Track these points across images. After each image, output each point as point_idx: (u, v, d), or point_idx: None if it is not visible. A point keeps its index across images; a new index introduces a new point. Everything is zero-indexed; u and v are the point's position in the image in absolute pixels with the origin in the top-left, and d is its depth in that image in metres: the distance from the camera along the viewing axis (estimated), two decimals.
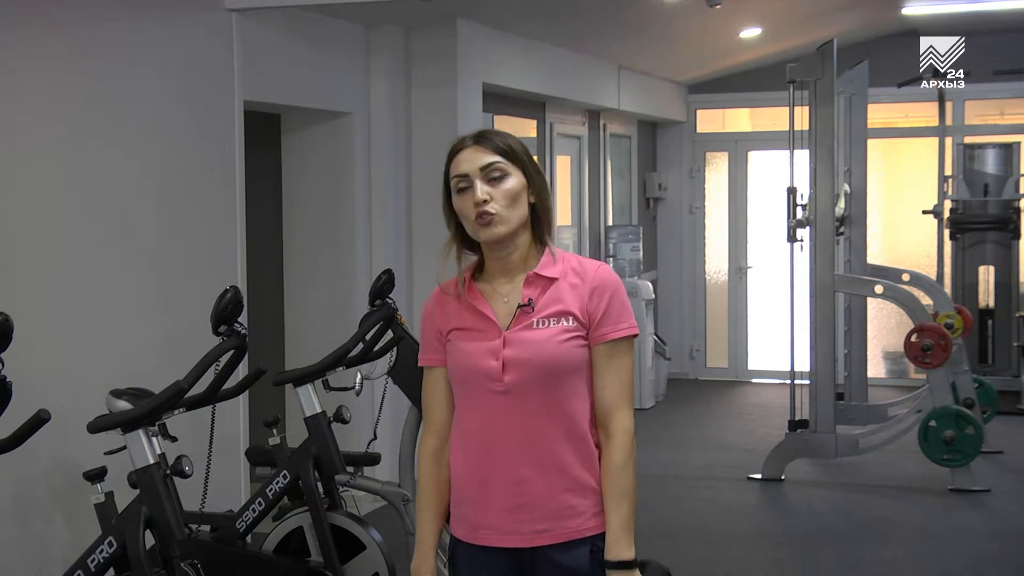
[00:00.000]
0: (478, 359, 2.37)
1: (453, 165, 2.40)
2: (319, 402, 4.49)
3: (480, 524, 2.40)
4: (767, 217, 10.39)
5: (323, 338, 5.69)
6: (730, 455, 7.86)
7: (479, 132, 2.42)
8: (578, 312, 2.36)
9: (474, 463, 2.40)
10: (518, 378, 2.34)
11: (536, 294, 2.38)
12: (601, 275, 2.40)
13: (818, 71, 7.04)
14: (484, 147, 2.37)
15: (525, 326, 2.36)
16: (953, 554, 5.75)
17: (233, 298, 3.66)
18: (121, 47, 4.53)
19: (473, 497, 2.41)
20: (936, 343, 6.92)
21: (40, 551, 4.06)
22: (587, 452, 2.37)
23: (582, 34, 7.98)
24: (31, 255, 4.08)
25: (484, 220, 2.34)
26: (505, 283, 2.42)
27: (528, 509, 2.35)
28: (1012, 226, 9.57)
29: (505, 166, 2.37)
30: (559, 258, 2.41)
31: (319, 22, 6.07)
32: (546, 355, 2.34)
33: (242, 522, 4.34)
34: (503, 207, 2.35)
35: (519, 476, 2.35)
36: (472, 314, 2.41)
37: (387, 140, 6.60)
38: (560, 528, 2.36)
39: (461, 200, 2.37)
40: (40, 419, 3.18)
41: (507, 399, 2.35)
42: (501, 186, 2.36)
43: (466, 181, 2.36)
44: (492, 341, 2.37)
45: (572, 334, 2.35)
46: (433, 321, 2.47)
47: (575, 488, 2.36)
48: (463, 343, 2.40)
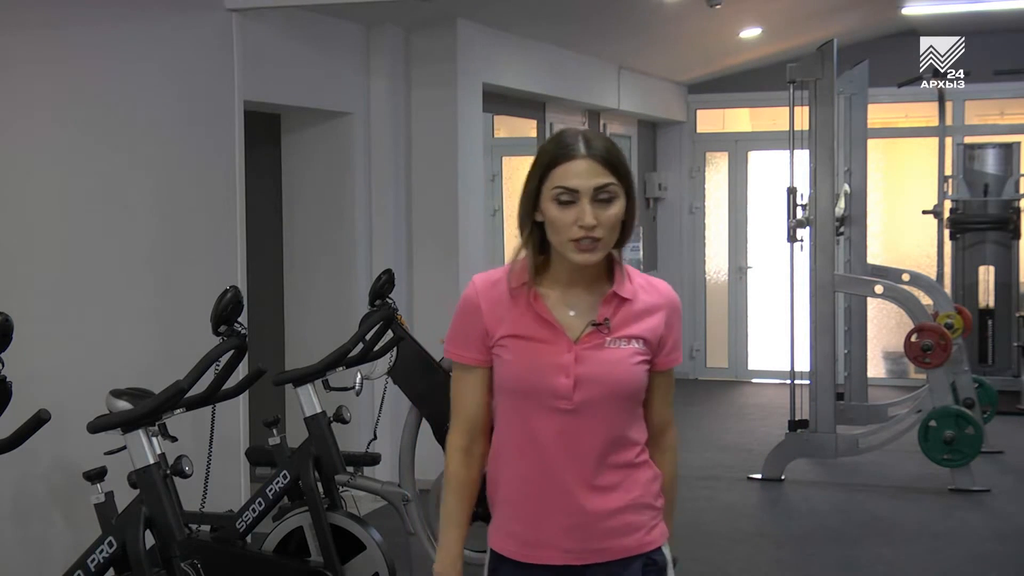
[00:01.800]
0: (545, 375, 2.25)
1: (559, 173, 2.21)
2: (319, 402, 4.49)
3: (533, 542, 2.30)
4: (767, 217, 10.38)
5: (323, 338, 5.69)
6: (730, 455, 7.86)
7: (589, 139, 2.23)
8: (651, 336, 2.30)
9: (529, 479, 2.29)
10: (588, 398, 2.24)
11: (611, 312, 2.28)
12: (673, 299, 2.36)
13: (818, 71, 7.04)
14: (598, 162, 2.20)
15: (598, 344, 2.26)
16: (953, 554, 5.75)
17: (233, 298, 3.66)
18: (121, 47, 4.53)
19: (527, 514, 2.30)
20: (936, 343, 6.92)
21: (40, 551, 4.06)
22: (643, 469, 2.33)
23: (582, 34, 7.98)
24: (31, 255, 4.08)
25: (584, 246, 2.21)
26: (571, 293, 2.29)
27: (586, 528, 2.28)
28: (1012, 226, 9.57)
29: (616, 188, 2.22)
30: (628, 274, 2.32)
31: (319, 22, 6.07)
32: (620, 377, 2.26)
33: (242, 522, 4.34)
34: (606, 233, 2.21)
35: (577, 495, 2.26)
36: (536, 322, 2.27)
37: (387, 140, 6.60)
38: (617, 546, 2.30)
39: (560, 211, 2.20)
40: (40, 419, 3.18)
41: (569, 418, 2.25)
42: (608, 211, 2.21)
43: (572, 196, 2.20)
44: (561, 356, 2.25)
45: (642, 357, 2.29)
46: (480, 319, 2.32)
47: (632, 506, 2.31)
48: (526, 353, 2.27)
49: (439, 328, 5.88)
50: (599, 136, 2.26)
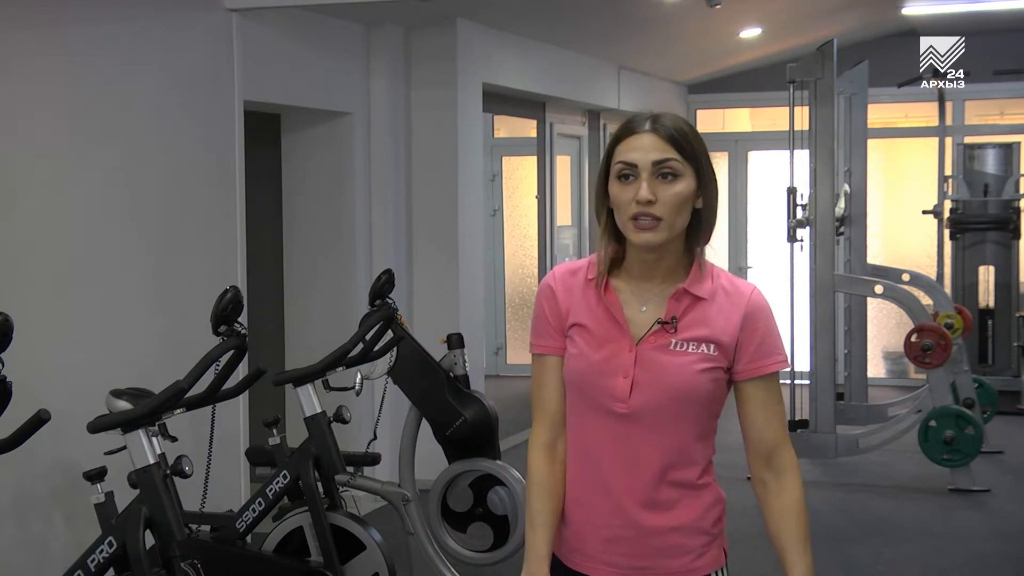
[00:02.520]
0: (603, 373, 2.11)
1: (622, 148, 2.10)
2: (319, 402, 4.49)
3: (576, 548, 2.19)
4: (767, 217, 10.38)
5: (323, 338, 5.69)
6: (730, 455, 7.81)
7: (656, 115, 2.13)
8: (725, 340, 2.11)
9: (578, 481, 2.17)
10: (644, 402, 2.09)
11: (680, 311, 2.11)
12: (755, 300, 2.14)
13: (818, 71, 7.04)
14: (661, 136, 2.08)
15: (661, 345, 2.10)
16: (953, 554, 5.76)
17: (233, 298, 3.66)
18: (121, 47, 4.53)
19: (576, 519, 2.18)
20: (936, 343, 6.92)
21: (40, 551, 4.06)
22: (701, 492, 2.18)
23: (582, 34, 7.98)
24: (31, 255, 4.08)
25: (642, 224, 2.06)
26: (645, 288, 2.14)
27: (626, 543, 2.14)
28: (1012, 226, 9.57)
29: (679, 165, 2.07)
30: (710, 273, 2.15)
31: (319, 22, 6.07)
32: (681, 382, 2.09)
33: (242, 522, 4.34)
34: (667, 212, 2.06)
35: (623, 508, 2.12)
36: (603, 315, 2.14)
37: (387, 140, 6.60)
38: (662, 568, 2.15)
39: (621, 188, 2.08)
40: (40, 419, 3.18)
41: (625, 422, 2.11)
42: (671, 188, 2.06)
43: (632, 170, 2.07)
44: (622, 355, 2.11)
45: (712, 364, 2.11)
46: (556, 304, 2.18)
47: (683, 528, 2.15)
48: (588, 347, 2.14)
49: (439, 328, 5.90)
50: (672, 116, 2.15)
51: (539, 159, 8.68)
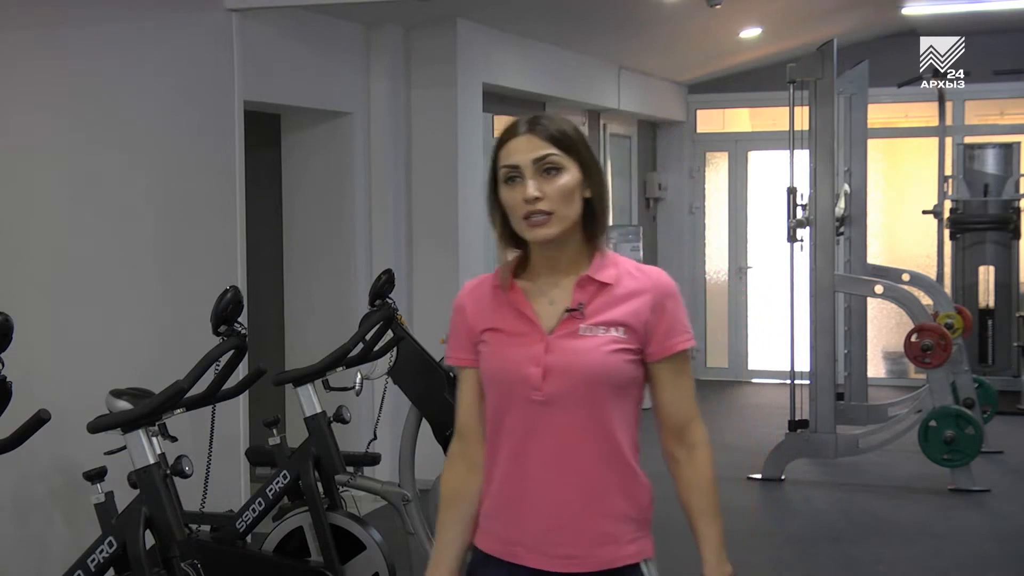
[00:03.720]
0: (517, 364, 2.17)
1: (503, 153, 2.17)
2: (319, 402, 4.49)
3: (513, 540, 2.21)
4: (767, 217, 10.39)
5: (323, 338, 5.69)
6: (730, 455, 7.86)
7: (534, 117, 2.19)
8: (634, 323, 2.17)
9: (508, 476, 2.21)
10: (559, 388, 2.14)
11: (587, 298, 2.18)
12: (664, 283, 2.22)
13: (818, 71, 7.04)
14: (538, 135, 2.15)
15: (570, 332, 2.16)
16: (953, 554, 5.75)
17: (233, 298, 3.66)
18: (121, 47, 4.53)
19: (508, 513, 2.21)
20: (936, 343, 6.92)
21: (40, 551, 4.06)
22: (627, 478, 2.22)
23: (582, 34, 7.98)
24: (31, 255, 4.09)
25: (534, 220, 2.14)
26: (551, 284, 2.21)
27: (561, 532, 2.18)
28: (1012, 226, 9.57)
29: (560, 159, 2.14)
30: (613, 261, 2.23)
31: (319, 22, 6.07)
32: (591, 364, 2.14)
33: (242, 522, 4.34)
34: (556, 205, 2.14)
35: (555, 495, 2.17)
36: (512, 314, 2.21)
37: (387, 140, 6.60)
38: (593, 557, 2.19)
39: (509, 192, 2.16)
40: (40, 419, 3.18)
41: (546, 410, 2.16)
42: (555, 182, 2.14)
43: (516, 172, 2.15)
44: (533, 346, 2.17)
45: (622, 346, 2.16)
46: (464, 317, 2.26)
47: (612, 515, 2.19)
48: (501, 346, 2.20)
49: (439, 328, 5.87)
50: (550, 116, 2.20)
51: None
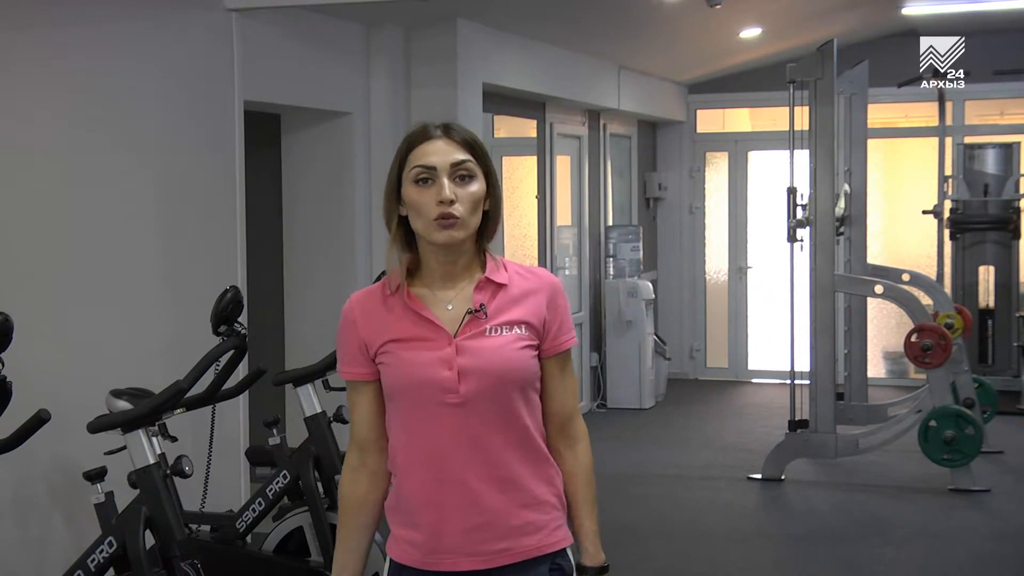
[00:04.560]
0: (428, 370, 2.19)
1: (417, 153, 2.21)
2: (319, 402, 4.49)
3: (435, 548, 2.22)
4: (767, 217, 10.39)
5: (323, 338, 5.69)
6: (730, 455, 7.86)
7: (446, 123, 2.25)
8: (534, 321, 2.25)
9: (424, 483, 2.22)
10: (474, 388, 2.18)
11: (487, 299, 2.23)
12: (554, 283, 2.30)
13: (818, 71, 7.04)
14: (455, 141, 2.22)
15: (477, 333, 2.21)
16: (953, 554, 5.75)
17: (233, 298, 3.66)
18: (121, 47, 4.53)
19: (427, 520, 2.22)
20: (936, 343, 6.92)
21: (40, 551, 4.06)
22: (542, 465, 2.27)
23: (582, 34, 7.98)
24: (31, 255, 4.08)
25: (447, 222, 2.18)
26: (446, 288, 2.25)
27: (487, 528, 2.21)
28: (1012, 226, 9.57)
29: (473, 167, 2.22)
30: (501, 263, 2.28)
31: (319, 22, 6.07)
32: (503, 363, 2.20)
33: (242, 522, 4.35)
34: (465, 211, 2.19)
35: (475, 494, 2.20)
36: (414, 322, 2.22)
37: (387, 140, 6.60)
38: (520, 546, 2.23)
39: (420, 193, 2.19)
40: (40, 419, 3.18)
41: (460, 412, 2.19)
42: (467, 188, 2.20)
43: (431, 174, 2.19)
44: (442, 350, 2.20)
45: (526, 343, 2.23)
46: (356, 332, 2.26)
47: (533, 503, 2.24)
48: (408, 353, 2.21)
49: None
50: (458, 125, 2.27)
51: (539, 159, 8.68)
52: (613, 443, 8.13)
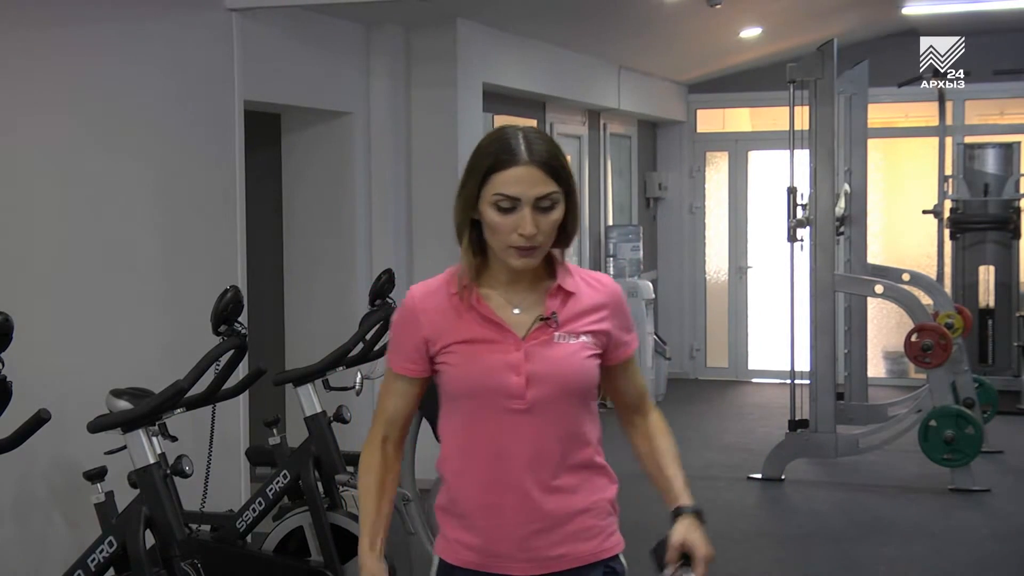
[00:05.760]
0: (495, 374, 2.18)
1: (500, 179, 2.13)
2: (319, 402, 4.49)
3: (490, 552, 2.23)
4: (767, 217, 10.38)
5: (323, 338, 5.69)
6: (730, 455, 7.86)
7: (530, 142, 2.14)
8: (599, 331, 2.25)
9: (483, 488, 2.22)
10: (540, 395, 2.19)
11: (557, 307, 2.22)
12: (616, 290, 2.31)
13: (818, 71, 7.04)
14: (540, 168, 2.13)
15: (546, 340, 2.21)
16: (953, 554, 5.76)
17: (233, 298, 3.66)
18: (121, 47, 4.53)
19: (483, 524, 2.22)
20: (936, 343, 6.92)
21: (40, 550, 4.06)
22: (599, 472, 2.30)
23: (582, 34, 7.98)
24: (31, 255, 4.08)
25: (526, 253, 2.16)
26: (514, 292, 2.23)
27: (545, 534, 2.21)
28: (1012, 226, 9.56)
29: (557, 195, 2.16)
30: (569, 271, 2.28)
31: (319, 22, 6.07)
32: (571, 371, 2.21)
33: (242, 522, 4.34)
34: (546, 239, 2.17)
35: (534, 500, 2.20)
36: (481, 324, 2.21)
37: (387, 140, 6.60)
38: (576, 552, 2.24)
39: (501, 217, 2.13)
40: (40, 419, 3.18)
41: (524, 418, 2.19)
42: (549, 217, 2.15)
43: (513, 203, 2.13)
44: (510, 354, 2.19)
45: (591, 352, 2.24)
46: (419, 328, 2.24)
47: (590, 509, 2.25)
48: (475, 356, 2.20)
49: None
50: (540, 137, 2.18)
51: None
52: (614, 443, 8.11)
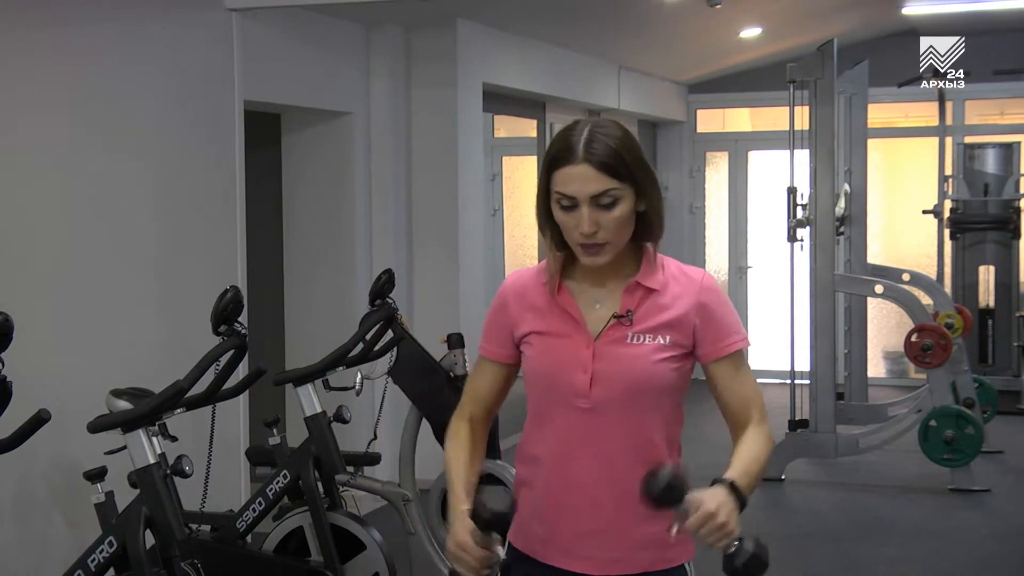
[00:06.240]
0: (564, 370, 2.17)
1: (559, 177, 2.11)
2: (319, 402, 4.49)
3: (551, 543, 2.22)
4: (767, 217, 10.38)
5: (323, 338, 5.69)
6: (730, 455, 7.85)
7: (591, 139, 2.09)
8: (680, 329, 2.17)
9: (547, 480, 2.21)
10: (605, 395, 2.15)
11: (635, 304, 2.17)
12: (707, 285, 2.20)
13: (818, 71, 7.04)
14: (596, 167, 2.07)
15: (619, 339, 2.16)
16: (953, 554, 5.76)
17: (233, 298, 3.66)
18: (121, 47, 4.53)
19: (545, 515, 2.21)
20: (936, 343, 6.92)
21: (40, 551, 4.06)
22: None
23: (582, 34, 7.98)
24: (31, 255, 4.08)
25: (591, 251, 2.13)
26: (597, 285, 2.20)
27: (602, 536, 2.18)
28: (1012, 226, 9.56)
29: (617, 191, 2.09)
30: (660, 264, 2.21)
31: (319, 22, 6.07)
32: (639, 374, 2.15)
33: (242, 522, 4.34)
34: (611, 236, 2.11)
35: (595, 500, 2.17)
36: (559, 317, 2.19)
37: (387, 140, 6.60)
38: (635, 558, 2.20)
39: (565, 215, 2.12)
40: (40, 419, 3.18)
41: (590, 416, 2.16)
42: (611, 214, 2.10)
43: (572, 201, 2.10)
44: (580, 351, 2.17)
45: (668, 353, 2.17)
46: (508, 314, 2.25)
47: (653, 517, 2.12)
48: (547, 349, 2.19)
49: (439, 328, 5.89)
50: (604, 133, 2.11)
51: (539, 159, 8.68)
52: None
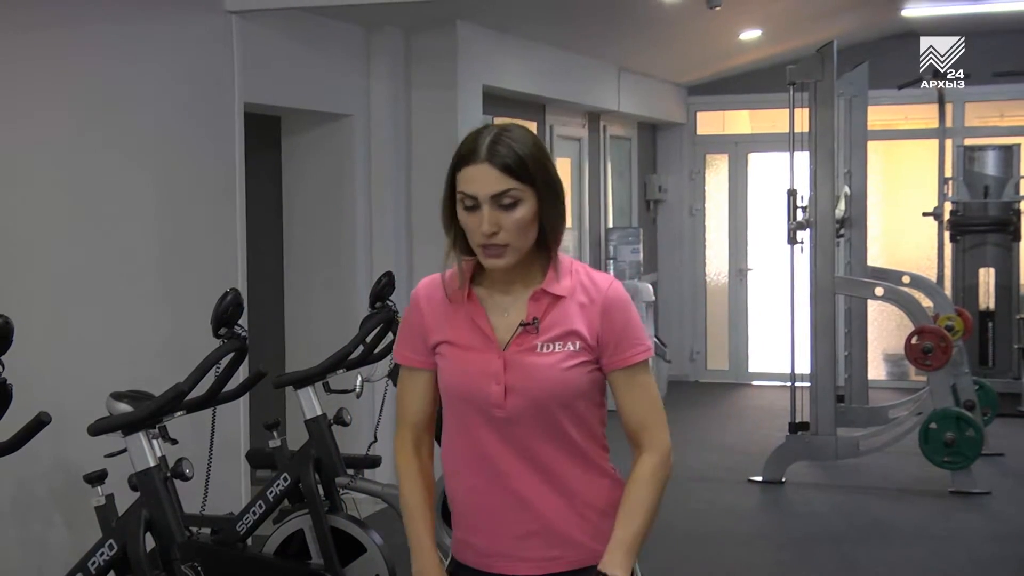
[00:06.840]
0: (476, 382, 2.17)
1: (462, 177, 2.12)
2: (319, 404, 4.49)
3: (492, 552, 2.24)
4: (767, 219, 10.39)
5: (323, 340, 5.68)
6: (730, 457, 7.86)
7: (494, 138, 2.11)
8: (587, 335, 2.17)
9: (477, 490, 2.22)
10: (520, 405, 2.16)
11: (541, 312, 2.17)
12: (612, 295, 2.19)
13: (818, 73, 7.04)
14: (497, 167, 2.09)
15: (528, 348, 2.16)
16: (953, 556, 5.75)
17: (233, 300, 3.66)
18: (122, 49, 4.53)
19: (481, 525, 2.24)
20: (936, 345, 6.92)
21: (40, 553, 4.06)
22: (595, 476, 2.24)
23: (582, 36, 7.98)
24: (32, 256, 4.08)
25: (491, 252, 2.12)
26: (505, 293, 2.20)
27: (538, 536, 2.21)
28: (1012, 228, 9.57)
29: (518, 192, 2.10)
30: (566, 270, 2.21)
31: (319, 24, 6.07)
32: (551, 382, 2.16)
33: (243, 525, 4.34)
34: (512, 238, 2.12)
35: (526, 502, 2.19)
36: (468, 327, 2.20)
37: (387, 142, 6.60)
38: (572, 555, 2.22)
39: (467, 216, 2.13)
40: (40, 421, 3.18)
41: (507, 425, 2.17)
42: (512, 215, 2.11)
43: (473, 201, 2.11)
44: (492, 363, 2.17)
45: (578, 359, 2.17)
46: (422, 320, 2.24)
47: (584, 513, 2.22)
48: (458, 361, 2.20)
49: None
50: (511, 137, 2.13)
51: None
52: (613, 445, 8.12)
